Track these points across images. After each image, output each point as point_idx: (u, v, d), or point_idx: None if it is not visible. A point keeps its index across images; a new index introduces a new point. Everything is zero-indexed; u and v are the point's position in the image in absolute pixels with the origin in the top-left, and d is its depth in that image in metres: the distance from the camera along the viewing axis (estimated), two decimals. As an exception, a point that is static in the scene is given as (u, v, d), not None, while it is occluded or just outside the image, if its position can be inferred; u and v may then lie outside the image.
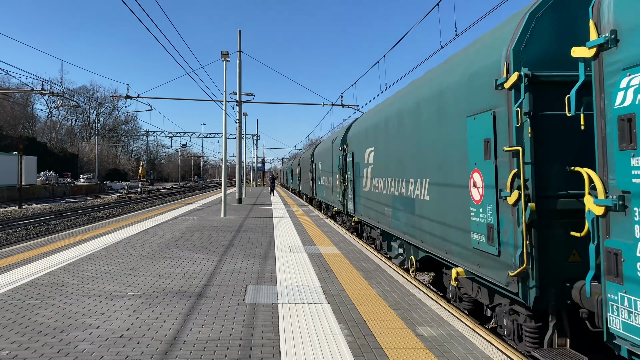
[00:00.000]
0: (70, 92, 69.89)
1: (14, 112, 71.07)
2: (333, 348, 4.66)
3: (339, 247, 11.26)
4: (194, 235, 13.05)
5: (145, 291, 6.75)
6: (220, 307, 6.00)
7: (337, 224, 17.99)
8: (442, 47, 14.20)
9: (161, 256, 9.60)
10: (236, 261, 9.20)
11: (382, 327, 5.29)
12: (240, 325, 5.30)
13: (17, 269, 8.19)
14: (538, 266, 4.93)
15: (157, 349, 4.56)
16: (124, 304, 6.10)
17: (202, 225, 15.71)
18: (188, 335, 4.98)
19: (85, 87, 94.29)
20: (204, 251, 10.33)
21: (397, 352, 4.54)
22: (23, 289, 6.81)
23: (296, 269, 8.57)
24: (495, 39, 5.82)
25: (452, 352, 4.59)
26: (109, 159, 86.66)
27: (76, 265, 8.62)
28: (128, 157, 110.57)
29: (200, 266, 8.63)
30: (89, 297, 6.41)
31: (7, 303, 6.10)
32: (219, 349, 4.59)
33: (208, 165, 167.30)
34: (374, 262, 9.43)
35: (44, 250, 10.32)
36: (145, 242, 11.61)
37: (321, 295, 6.68)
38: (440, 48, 14.30)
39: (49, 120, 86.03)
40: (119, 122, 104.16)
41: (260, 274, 8.05)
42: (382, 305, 6.20)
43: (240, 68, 26.80)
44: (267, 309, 5.96)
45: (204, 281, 7.45)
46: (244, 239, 12.48)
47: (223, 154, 20.76)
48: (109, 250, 10.25)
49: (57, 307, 5.91)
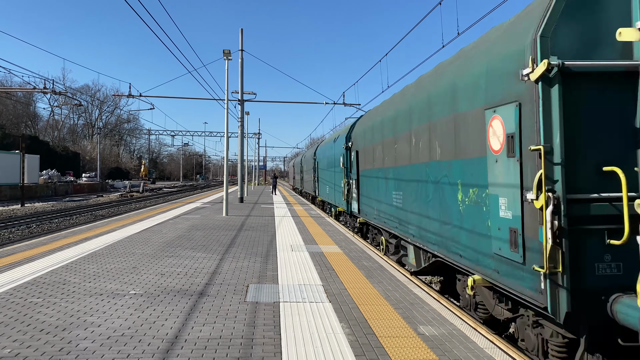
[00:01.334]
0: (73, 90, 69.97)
1: (17, 110, 71.17)
2: (334, 347, 4.65)
3: (341, 246, 11.25)
4: (196, 233, 13.06)
5: (147, 290, 6.76)
6: (221, 306, 6.01)
7: (340, 223, 17.97)
8: (443, 46, 14.17)
9: (163, 255, 9.61)
10: (238, 260, 9.20)
11: (383, 326, 5.29)
12: (242, 324, 5.30)
13: (20, 267, 8.21)
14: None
15: (159, 347, 4.57)
16: (125, 302, 6.10)
17: (204, 224, 15.72)
18: (190, 333, 4.98)
19: (87, 86, 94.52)
20: (206, 250, 10.33)
21: (398, 351, 4.53)
22: (25, 288, 6.82)
23: (298, 267, 8.57)
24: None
25: (453, 351, 4.58)
26: (111, 158, 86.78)
27: (78, 263, 8.63)
28: (130, 155, 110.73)
29: (201, 265, 8.63)
30: (90, 295, 6.42)
31: (9, 301, 6.11)
32: (221, 347, 4.59)
33: (210, 164, 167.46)
34: (376, 261, 9.42)
35: (46, 248, 10.33)
36: (147, 240, 11.62)
37: (323, 294, 6.68)
38: (442, 47, 14.28)
39: (51, 119, 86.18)
40: (121, 120, 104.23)
41: (262, 273, 8.05)
42: (383, 304, 6.19)
43: (242, 67, 26.80)
44: (268, 308, 5.96)
45: (205, 280, 7.45)
46: (245, 237, 12.48)
47: (225, 153, 20.77)
48: (111, 249, 10.26)
49: (59, 306, 5.92)
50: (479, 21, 12.65)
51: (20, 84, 58.47)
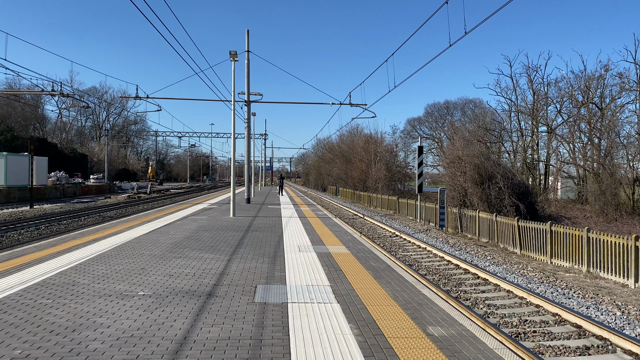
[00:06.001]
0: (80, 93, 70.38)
1: (25, 113, 71.73)
2: (343, 348, 4.64)
3: (348, 247, 11.24)
4: (204, 234, 13.09)
5: (155, 291, 6.78)
6: (230, 307, 6.01)
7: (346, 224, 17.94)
8: (450, 45, 14.12)
9: (171, 256, 9.64)
10: (245, 261, 9.22)
11: (392, 327, 5.27)
12: (250, 325, 5.30)
13: (29, 269, 8.26)
14: None
15: (168, 348, 4.58)
16: (134, 303, 6.13)
17: (212, 225, 15.75)
18: (198, 334, 4.98)
19: (95, 88, 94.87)
20: (214, 251, 10.35)
21: (407, 352, 4.52)
22: (35, 289, 6.87)
23: (305, 268, 8.56)
24: None
25: (463, 352, 4.56)
26: (118, 159, 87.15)
27: (87, 265, 8.68)
28: (137, 157, 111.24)
29: (209, 266, 8.65)
30: (99, 296, 6.45)
31: (19, 303, 6.14)
32: (229, 348, 4.59)
33: (217, 165, 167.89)
34: (384, 261, 9.39)
35: (55, 250, 10.40)
36: (155, 241, 11.67)
37: (331, 295, 6.67)
38: (449, 46, 14.22)
39: (59, 121, 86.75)
40: (128, 122, 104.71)
41: (270, 274, 8.05)
42: (392, 305, 6.17)
43: (249, 68, 26.84)
44: (276, 309, 5.96)
45: (213, 281, 7.46)
46: (253, 238, 12.49)
47: (232, 154, 20.80)
48: (119, 250, 10.30)
49: (68, 307, 5.95)
50: (486, 20, 12.58)
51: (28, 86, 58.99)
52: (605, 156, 35.25)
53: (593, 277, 13.42)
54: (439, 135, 73.18)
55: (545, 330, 8.02)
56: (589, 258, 14.11)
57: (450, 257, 14.69)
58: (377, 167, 49.75)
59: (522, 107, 45.75)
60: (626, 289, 12.03)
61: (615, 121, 36.40)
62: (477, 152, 29.28)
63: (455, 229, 24.28)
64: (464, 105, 73.58)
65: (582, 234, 14.48)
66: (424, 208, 28.10)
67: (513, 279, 12.37)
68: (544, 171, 44.19)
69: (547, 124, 43.74)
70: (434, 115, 78.00)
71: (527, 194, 26.49)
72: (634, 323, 8.70)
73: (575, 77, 41.55)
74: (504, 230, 19.53)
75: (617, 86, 36.95)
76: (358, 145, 57.99)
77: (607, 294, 11.05)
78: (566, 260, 15.25)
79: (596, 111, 38.67)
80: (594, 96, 39.15)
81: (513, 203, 24.67)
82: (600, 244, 13.66)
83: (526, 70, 45.58)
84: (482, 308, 9.30)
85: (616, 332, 7.44)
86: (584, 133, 39.46)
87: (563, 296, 10.59)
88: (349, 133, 66.81)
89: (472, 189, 26.17)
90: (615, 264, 12.98)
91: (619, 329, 8.24)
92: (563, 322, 8.41)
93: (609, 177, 32.41)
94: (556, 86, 43.61)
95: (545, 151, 44.34)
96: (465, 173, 26.76)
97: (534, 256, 17.14)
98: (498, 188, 25.09)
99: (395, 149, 59.61)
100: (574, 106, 41.12)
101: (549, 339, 7.59)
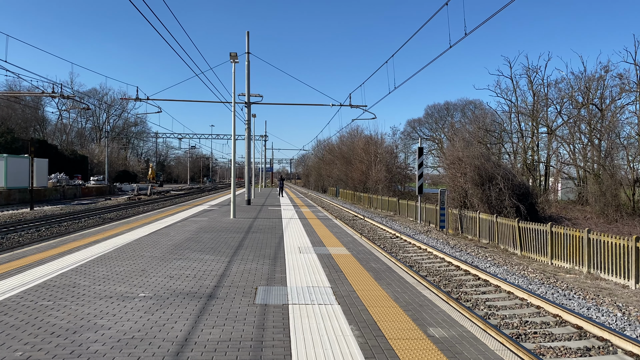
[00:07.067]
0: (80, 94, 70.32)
1: (26, 115, 71.73)
2: (344, 349, 4.64)
3: (349, 248, 11.23)
4: (204, 236, 13.09)
5: (156, 292, 6.78)
6: (230, 308, 6.01)
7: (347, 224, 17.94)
8: (451, 46, 14.13)
9: (171, 257, 9.64)
10: (246, 262, 9.22)
11: (393, 328, 5.27)
12: (251, 327, 5.30)
13: (30, 271, 8.26)
14: None
15: (169, 350, 4.58)
16: (135, 305, 6.13)
17: (212, 226, 15.76)
18: (199, 336, 4.98)
19: (95, 90, 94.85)
20: (214, 252, 10.35)
21: (408, 353, 4.52)
22: (35, 291, 6.87)
23: (306, 270, 8.56)
24: None
25: (464, 353, 4.56)
26: (118, 161, 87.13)
27: (87, 266, 8.68)
28: (138, 158, 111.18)
29: (210, 267, 8.65)
30: (100, 298, 6.45)
31: (20, 304, 6.15)
32: (230, 350, 4.59)
33: (217, 167, 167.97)
34: (384, 263, 9.39)
35: (56, 251, 10.40)
36: (155, 243, 11.67)
37: (331, 296, 6.67)
38: (450, 47, 14.23)
39: (59, 123, 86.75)
40: (128, 124, 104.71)
41: (270, 275, 8.05)
42: (392, 306, 6.17)
43: (249, 69, 26.85)
44: (277, 310, 5.96)
45: (214, 282, 7.46)
46: (253, 240, 12.49)
47: (232, 155, 20.81)
48: (120, 252, 10.30)
49: (69, 309, 5.95)
50: (486, 21, 12.59)
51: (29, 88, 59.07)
52: (605, 157, 35.28)
53: (594, 278, 13.42)
54: (439, 136, 73.31)
55: (546, 331, 8.02)
56: (590, 259, 14.11)
57: (451, 258, 14.69)
58: (377, 169, 49.78)
59: (522, 108, 45.86)
60: (627, 290, 12.02)
61: (616, 122, 36.46)
62: (477, 153, 29.27)
63: (456, 230, 24.28)
64: (464, 107, 73.70)
65: (582, 235, 14.49)
66: (424, 209, 28.10)
67: (514, 280, 12.37)
68: (544, 172, 44.23)
69: (547, 125, 43.82)
70: (434, 116, 78.16)
71: (528, 195, 26.51)
72: (634, 324, 8.69)
73: (575, 78, 41.69)
74: (505, 231, 19.53)
75: (617, 87, 37.07)
76: (358, 147, 58.04)
77: (607, 295, 11.04)
78: (567, 261, 15.25)
79: (596, 112, 38.73)
80: (594, 97, 39.22)
81: (513, 204, 24.68)
82: (600, 245, 13.67)
83: (526, 71, 45.75)
84: (482, 309, 9.32)
85: (617, 333, 7.44)
86: (584, 134, 39.54)
87: (564, 297, 10.59)
88: (349, 134, 66.89)
89: (472, 190, 26.19)
90: (616, 265, 12.99)
91: (619, 330, 8.24)
92: (564, 323, 8.42)
93: (609, 178, 32.44)
94: (556, 87, 43.74)
95: (546, 152, 44.44)
96: (465, 174, 26.78)
97: (534, 257, 17.14)
98: (498, 189, 25.10)
99: (395, 150, 59.62)
100: (574, 107, 41.20)
101: (549, 340, 7.60)
